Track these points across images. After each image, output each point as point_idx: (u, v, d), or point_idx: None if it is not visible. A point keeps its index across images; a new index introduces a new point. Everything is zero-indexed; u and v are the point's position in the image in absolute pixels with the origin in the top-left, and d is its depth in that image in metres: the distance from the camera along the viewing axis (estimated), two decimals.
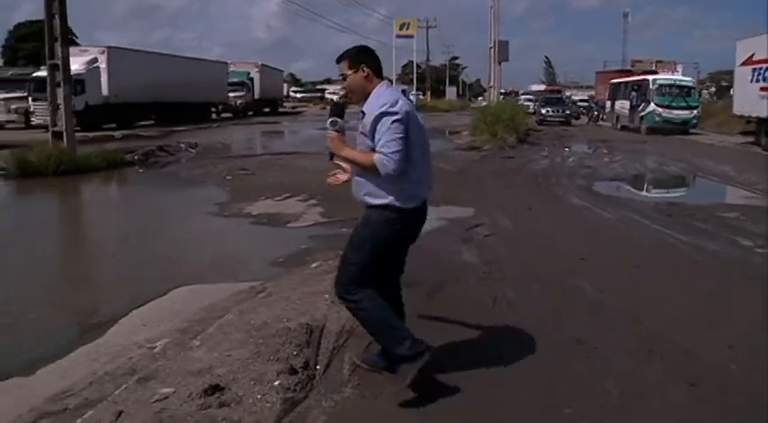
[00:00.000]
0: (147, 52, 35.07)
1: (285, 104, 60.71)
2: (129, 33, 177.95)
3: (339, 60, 3.78)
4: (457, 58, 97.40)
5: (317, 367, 4.10)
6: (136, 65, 32.14)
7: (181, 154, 19.19)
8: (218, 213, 10.09)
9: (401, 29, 66.86)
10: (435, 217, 10.01)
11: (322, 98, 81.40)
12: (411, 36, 69.11)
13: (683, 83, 32.08)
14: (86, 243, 8.89)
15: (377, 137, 3.55)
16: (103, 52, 30.49)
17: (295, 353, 4.11)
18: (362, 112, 3.65)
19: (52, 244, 9.07)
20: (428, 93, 74.84)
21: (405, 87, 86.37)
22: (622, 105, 33.75)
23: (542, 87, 72.76)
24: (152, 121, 34.21)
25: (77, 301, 6.12)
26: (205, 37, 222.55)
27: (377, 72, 3.75)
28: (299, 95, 75.07)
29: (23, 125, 30.20)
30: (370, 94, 3.69)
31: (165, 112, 34.60)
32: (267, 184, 13.02)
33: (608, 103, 37.25)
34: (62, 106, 15.69)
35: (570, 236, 8.70)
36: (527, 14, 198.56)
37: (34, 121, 29.35)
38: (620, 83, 36.33)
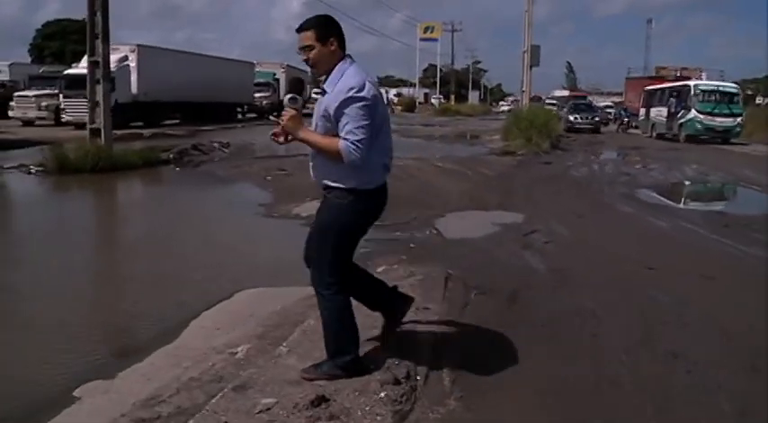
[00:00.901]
0: (176, 51, 35.09)
1: (308, 105, 60.52)
2: (151, 33, 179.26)
3: (302, 29, 3.51)
4: (479, 61, 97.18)
5: (417, 377, 3.91)
6: (165, 64, 32.17)
7: (214, 153, 19.09)
8: (266, 214, 9.96)
9: (425, 32, 66.93)
10: (489, 222, 9.94)
11: None
12: (435, 39, 69.16)
13: (727, 89, 30.41)
14: (140, 243, 8.68)
15: (343, 121, 3.39)
16: (134, 50, 30.50)
17: (396, 362, 3.92)
18: (323, 89, 3.47)
19: (106, 245, 8.98)
20: (452, 97, 74.57)
21: (427, 90, 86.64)
22: (659, 112, 32.20)
23: (566, 93, 72.10)
24: (177, 121, 34.27)
25: (142, 303, 5.97)
26: (226, 37, 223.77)
27: (343, 46, 3.58)
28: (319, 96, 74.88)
29: (53, 122, 30.34)
30: (332, 69, 3.53)
31: (191, 112, 34.58)
32: (308, 185, 12.71)
33: (641, 111, 35.61)
34: (101, 104, 15.60)
35: (630, 244, 8.47)
36: (547, 20, 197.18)
37: (64, 118, 29.49)
38: (656, 89, 34.59)
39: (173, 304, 5.79)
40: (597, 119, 37.59)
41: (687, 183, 16.28)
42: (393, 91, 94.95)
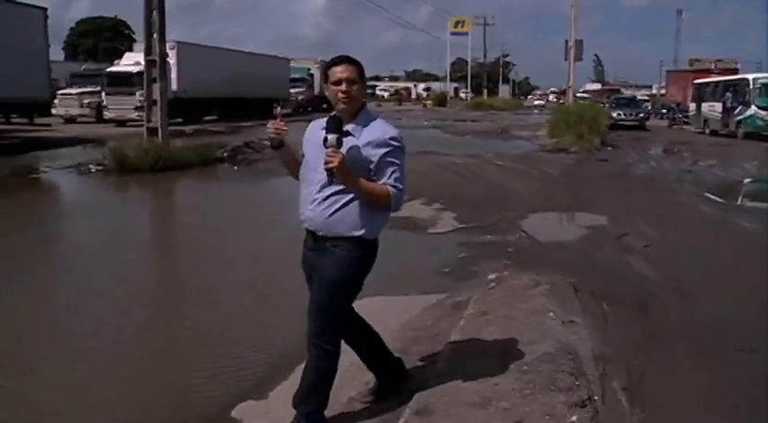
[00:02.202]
0: (214, 48, 35.14)
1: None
2: (176, 28, 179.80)
3: (349, 62, 3.26)
4: (507, 55, 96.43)
5: (595, 398, 3.70)
6: (203, 60, 32.21)
7: (266, 151, 18.93)
8: None
9: (456, 26, 66.48)
10: (574, 224, 9.69)
11: (373, 95, 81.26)
12: (466, 33, 68.66)
13: None
14: (240, 248, 8.39)
15: (389, 168, 3.20)
16: (173, 47, 30.40)
17: (577, 383, 3.71)
18: (346, 132, 3.16)
19: (212, 251, 8.62)
20: (484, 91, 74.02)
21: (456, 85, 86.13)
22: (711, 108, 29.71)
23: (597, 86, 71.36)
24: (215, 117, 34.30)
25: (270, 314, 5.79)
26: (251, 33, 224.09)
27: None
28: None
29: (95, 119, 30.52)
30: (358, 111, 3.28)
31: (228, 108, 34.61)
32: None
33: (691, 106, 33.31)
34: (159, 102, 15.53)
35: (731, 249, 8.19)
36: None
37: (107, 115, 29.63)
38: (707, 83, 32.18)
39: (284, 312, 5.57)
40: (642, 114, 35.14)
41: (753, 181, 15.80)
42: (422, 85, 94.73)
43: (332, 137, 3.09)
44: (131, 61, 30.47)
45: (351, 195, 3.18)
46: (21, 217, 10.27)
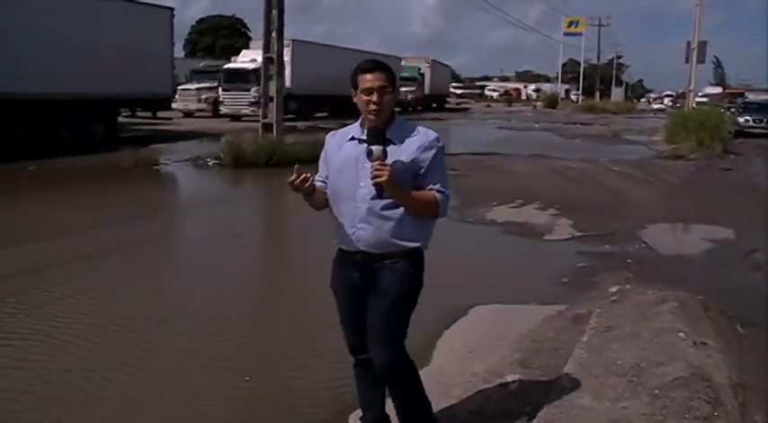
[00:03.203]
0: (327, 46, 35.75)
1: (449, 100, 60.19)
2: (291, 27, 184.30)
3: (380, 69, 3.00)
4: (621, 56, 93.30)
5: None
6: (317, 58, 32.77)
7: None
8: (459, 219, 9.54)
9: (570, 26, 64.99)
10: (698, 237, 9.22)
11: (481, 95, 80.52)
12: (580, 34, 66.97)
13: None
14: None
15: (435, 173, 3.01)
16: (288, 45, 30.98)
17: (716, 413, 3.48)
18: (388, 141, 2.91)
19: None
20: (597, 93, 71.93)
21: (567, 86, 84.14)
22: None
23: (718, 90, 67.86)
24: (326, 114, 34.84)
25: None
26: (362, 31, 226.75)
27: None
28: (458, 91, 74.05)
29: (211, 114, 31.63)
30: (390, 119, 3.02)
31: (339, 105, 35.05)
32: (488, 187, 12.56)
33: None
34: (275, 99, 15.88)
35: None
36: (692, 11, 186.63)
37: (222, 110, 30.67)
38: None
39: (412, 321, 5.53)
40: None
41: None
42: (532, 86, 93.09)
43: (377, 148, 2.87)
44: (248, 58, 31.42)
45: (401, 207, 2.98)
46: (143, 207, 10.81)
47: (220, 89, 30.78)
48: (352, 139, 3.08)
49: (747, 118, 30.00)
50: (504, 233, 8.78)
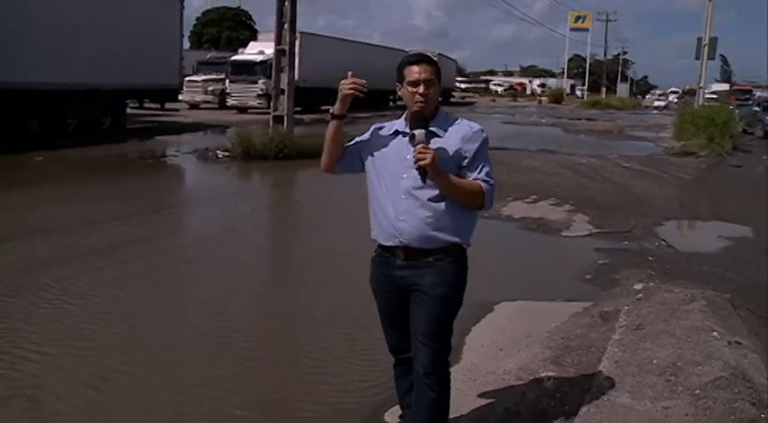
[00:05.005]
0: (334, 38, 35.68)
1: (454, 94, 60.06)
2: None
3: (426, 62, 2.98)
4: (626, 52, 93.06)
5: None
6: (324, 51, 32.68)
7: None
8: None
9: (576, 21, 64.79)
10: (716, 234, 9.17)
11: (486, 89, 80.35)
12: (586, 29, 66.77)
13: None
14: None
15: (479, 162, 2.94)
16: (297, 38, 31.07)
17: (763, 415, 3.43)
18: (431, 132, 2.89)
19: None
20: (603, 89, 71.76)
21: (572, 81, 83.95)
22: None
23: (725, 86, 67.59)
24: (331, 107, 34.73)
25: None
26: (365, 24, 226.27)
27: None
28: (462, 86, 73.86)
29: (217, 105, 31.58)
30: (433, 114, 2.98)
31: None
32: (501, 182, 12.17)
33: None
34: (286, 91, 15.81)
35: None
36: (698, 7, 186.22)
37: (229, 102, 30.61)
38: None
39: None
40: None
41: None
42: (537, 81, 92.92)
43: (419, 132, 2.84)
44: (255, 50, 31.36)
45: (444, 200, 2.91)
46: (153, 200, 10.64)
47: (227, 81, 30.68)
48: (396, 132, 3.04)
49: None
50: (521, 229, 8.72)
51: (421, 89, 2.91)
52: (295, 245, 8.55)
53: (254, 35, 48.97)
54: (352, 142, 3.14)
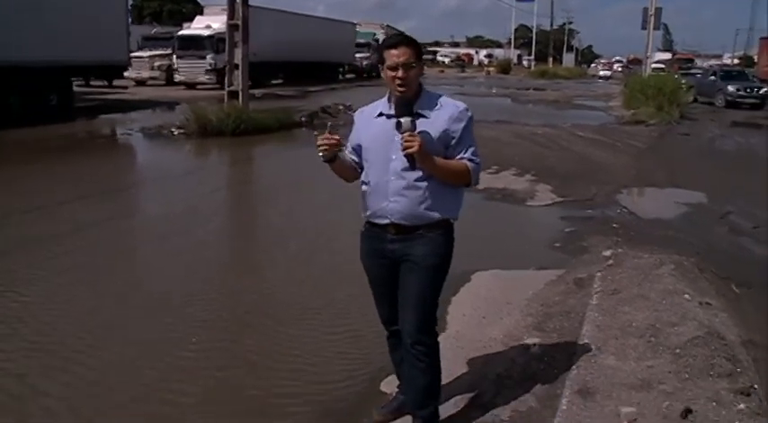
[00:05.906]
0: (283, 12, 35.13)
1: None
2: None
3: (404, 44, 2.96)
4: (571, 22, 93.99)
5: (755, 386, 3.60)
6: (272, 24, 32.18)
7: (341, 116, 18.92)
8: None
9: None
10: (673, 200, 9.46)
11: (433, 60, 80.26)
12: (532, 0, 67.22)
13: None
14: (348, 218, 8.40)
15: (465, 142, 3.01)
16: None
17: (738, 370, 3.62)
18: (417, 114, 2.95)
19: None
20: (550, 59, 72.55)
21: (518, 52, 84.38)
22: None
23: (667, 55, 68.94)
24: (281, 81, 34.40)
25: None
26: None
27: None
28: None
29: (165, 82, 30.93)
30: (417, 92, 3.03)
31: (295, 72, 34.77)
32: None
33: None
34: (240, 66, 15.62)
35: None
36: None
37: (177, 78, 30.01)
38: None
39: None
40: (764, 91, 27.55)
41: None
42: (483, 52, 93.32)
43: (406, 120, 2.88)
44: (202, 25, 30.73)
45: (433, 179, 3.00)
46: (110, 180, 10.21)
47: (174, 56, 30.03)
48: (381, 115, 3.08)
49: (738, 87, 27.61)
50: (486, 199, 8.84)
51: (400, 73, 2.93)
52: (260, 224, 8.50)
53: (197, 9, 48.08)
54: (349, 149, 3.21)
